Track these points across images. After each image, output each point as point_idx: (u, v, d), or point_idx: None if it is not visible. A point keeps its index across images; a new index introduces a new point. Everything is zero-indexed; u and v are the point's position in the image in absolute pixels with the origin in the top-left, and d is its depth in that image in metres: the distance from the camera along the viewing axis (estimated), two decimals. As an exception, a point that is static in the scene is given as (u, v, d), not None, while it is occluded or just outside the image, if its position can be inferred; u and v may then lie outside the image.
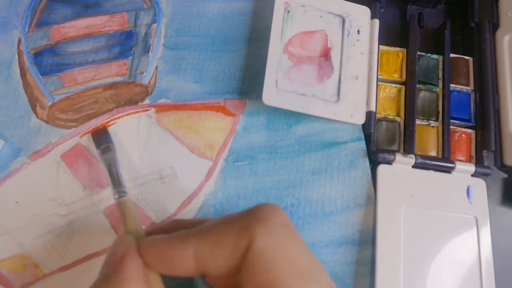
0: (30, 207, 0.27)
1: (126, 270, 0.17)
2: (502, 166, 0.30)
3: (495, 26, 0.34)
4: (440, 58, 0.33)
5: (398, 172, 0.29)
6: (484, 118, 0.31)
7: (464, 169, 0.30)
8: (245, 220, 0.16)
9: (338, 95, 0.30)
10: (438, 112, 0.31)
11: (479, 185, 0.30)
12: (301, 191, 0.29)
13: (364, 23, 0.32)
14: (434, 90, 0.32)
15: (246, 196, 0.29)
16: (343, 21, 0.32)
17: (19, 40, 0.31)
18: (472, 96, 0.32)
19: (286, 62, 0.30)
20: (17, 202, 0.27)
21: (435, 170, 0.30)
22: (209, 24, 0.33)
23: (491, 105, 0.31)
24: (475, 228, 0.29)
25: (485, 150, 0.30)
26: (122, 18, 0.32)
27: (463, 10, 0.35)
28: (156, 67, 0.31)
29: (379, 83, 0.31)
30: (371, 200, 0.29)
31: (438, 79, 0.32)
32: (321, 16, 0.31)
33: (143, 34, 0.32)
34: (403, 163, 0.29)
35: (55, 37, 0.31)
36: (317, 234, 0.28)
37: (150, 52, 0.31)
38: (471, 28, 0.34)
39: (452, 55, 0.33)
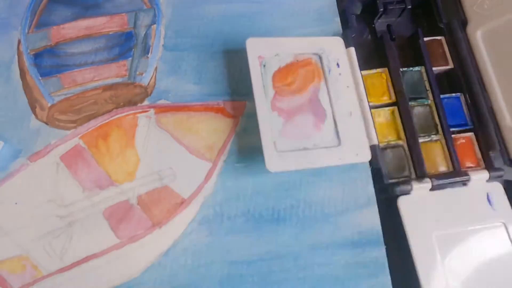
0: (29, 208, 0.27)
1: None
2: (511, 162, 0.30)
3: (464, 22, 0.33)
4: (422, 69, 0.32)
5: (418, 200, 0.29)
6: (480, 119, 0.31)
7: (479, 178, 0.29)
8: None
9: (338, 137, 0.29)
10: (436, 125, 0.31)
11: (497, 189, 0.29)
12: (300, 193, 0.29)
13: (341, 54, 0.31)
14: (426, 103, 0.32)
15: (246, 198, 0.29)
16: (320, 58, 0.31)
17: (19, 41, 0.31)
18: (462, 98, 0.32)
19: (278, 120, 0.29)
20: (16, 203, 0.27)
21: (452, 187, 0.29)
22: (209, 26, 0.33)
23: (483, 104, 0.31)
24: (505, 233, 0.28)
25: (491, 151, 0.30)
26: (121, 19, 0.32)
27: (429, 12, 0.35)
28: (156, 68, 0.31)
29: (372, 110, 0.30)
30: (371, 201, 0.29)
31: (427, 90, 0.32)
32: (297, 60, 0.31)
33: (143, 35, 0.32)
34: (420, 189, 0.29)
35: (55, 38, 0.31)
36: (317, 236, 0.28)
37: (149, 53, 0.31)
38: (441, 28, 0.33)
39: (425, 38, 0.32)
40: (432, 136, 0.31)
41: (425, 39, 0.33)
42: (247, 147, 0.30)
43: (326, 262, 0.28)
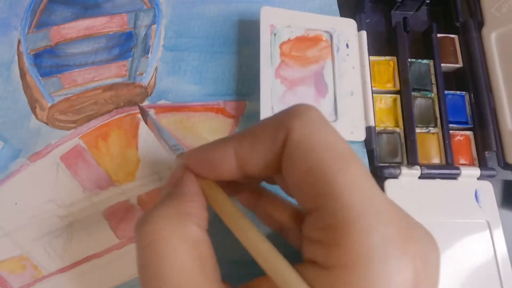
0: (29, 208, 0.27)
1: (185, 186, 0.18)
2: (506, 165, 0.30)
3: (480, 23, 0.33)
4: (431, 62, 0.32)
5: (405, 185, 0.29)
6: (481, 119, 0.31)
7: (470, 173, 0.29)
8: (281, 117, 0.17)
9: (336, 113, 0.29)
10: (436, 118, 0.31)
11: (486, 187, 0.29)
12: (300, 193, 0.29)
13: (352, 36, 0.31)
14: (429, 96, 0.32)
15: (246, 198, 0.29)
16: (331, 36, 0.31)
17: (19, 41, 0.31)
18: (467, 97, 0.32)
19: (279, 87, 0.29)
20: (16, 203, 0.27)
21: (441, 178, 0.29)
22: (209, 26, 0.33)
23: (486, 105, 0.31)
24: (488, 231, 0.28)
25: (487, 151, 0.30)
26: (121, 19, 0.32)
27: (447, 10, 0.35)
28: (156, 68, 0.31)
29: (374, 95, 0.31)
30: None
31: (432, 84, 0.32)
32: (308, 35, 0.31)
33: (143, 35, 0.32)
34: (409, 175, 0.29)
35: (55, 38, 0.31)
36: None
37: (149, 53, 0.31)
38: (457, 27, 0.34)
39: (439, 35, 0.33)
40: (430, 128, 0.31)
41: (439, 35, 0.33)
42: (247, 147, 0.30)
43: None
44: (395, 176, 0.29)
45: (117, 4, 0.32)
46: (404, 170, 0.29)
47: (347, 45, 0.31)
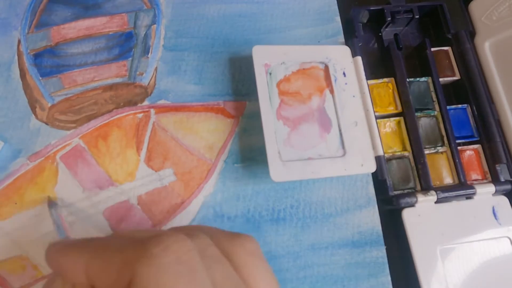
0: (29, 208, 0.27)
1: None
2: None
3: (472, 33, 0.33)
4: (429, 79, 0.32)
5: (423, 212, 0.28)
6: (486, 131, 0.30)
7: (485, 191, 0.29)
8: (133, 251, 0.15)
9: (343, 147, 0.28)
10: (442, 136, 0.31)
11: (503, 202, 0.29)
12: (300, 193, 0.29)
13: (347, 63, 0.31)
14: (432, 114, 0.31)
15: (246, 198, 0.29)
16: (327, 67, 0.30)
17: (19, 41, 0.31)
18: (469, 110, 0.32)
19: (283, 129, 0.28)
20: (16, 203, 0.27)
21: (457, 200, 0.29)
22: (209, 26, 0.33)
23: (490, 116, 0.30)
24: (510, 247, 0.28)
25: (497, 164, 0.30)
26: (122, 19, 0.32)
27: (436, 21, 0.34)
28: (156, 68, 0.31)
29: (377, 120, 0.30)
30: (372, 201, 0.29)
31: (433, 101, 0.31)
32: (303, 69, 0.30)
33: (143, 35, 0.32)
34: (425, 202, 0.28)
35: (55, 38, 0.31)
36: (317, 236, 0.28)
37: (149, 53, 0.31)
38: (448, 38, 0.33)
39: (432, 49, 0.32)
40: (438, 147, 0.30)
41: (432, 49, 0.32)
42: (247, 147, 0.30)
43: (326, 262, 0.28)
44: (412, 205, 0.28)
45: (117, 4, 0.32)
46: (420, 198, 0.28)
47: (344, 73, 0.30)
